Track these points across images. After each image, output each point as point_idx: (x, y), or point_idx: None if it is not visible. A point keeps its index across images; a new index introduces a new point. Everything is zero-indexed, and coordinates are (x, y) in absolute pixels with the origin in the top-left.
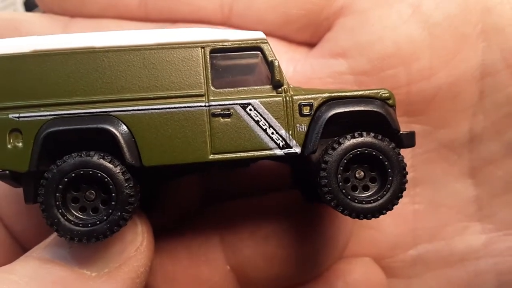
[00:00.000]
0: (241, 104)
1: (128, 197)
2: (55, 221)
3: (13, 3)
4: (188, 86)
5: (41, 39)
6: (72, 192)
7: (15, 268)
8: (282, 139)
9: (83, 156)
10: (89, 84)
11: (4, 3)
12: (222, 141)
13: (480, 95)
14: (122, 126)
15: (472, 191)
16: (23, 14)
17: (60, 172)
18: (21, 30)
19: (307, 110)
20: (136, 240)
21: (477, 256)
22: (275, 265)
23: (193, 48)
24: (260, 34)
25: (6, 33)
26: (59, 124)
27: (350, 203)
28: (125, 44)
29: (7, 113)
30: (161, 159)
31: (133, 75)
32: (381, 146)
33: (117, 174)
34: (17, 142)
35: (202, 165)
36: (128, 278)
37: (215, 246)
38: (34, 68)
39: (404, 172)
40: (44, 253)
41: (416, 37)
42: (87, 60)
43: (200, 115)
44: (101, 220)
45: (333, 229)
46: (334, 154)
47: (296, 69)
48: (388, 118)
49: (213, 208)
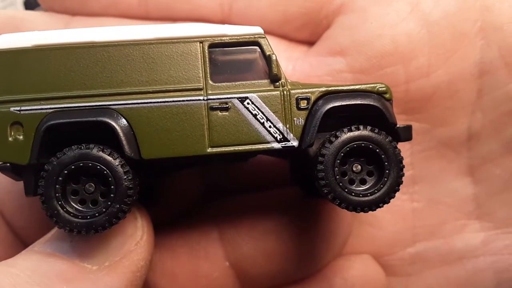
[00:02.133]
0: (239, 98)
1: (127, 189)
2: (55, 213)
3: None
4: (187, 80)
5: (42, 34)
6: (71, 185)
7: (17, 262)
8: (279, 132)
9: (82, 149)
10: (89, 78)
11: (4, 3)
12: (220, 135)
13: (479, 93)
14: (122, 119)
15: (471, 189)
16: (24, 12)
17: (60, 164)
18: (22, 29)
19: (304, 104)
20: (136, 234)
21: (476, 254)
22: (274, 261)
23: (192, 43)
24: (258, 29)
25: (7, 31)
26: (59, 117)
27: (347, 196)
28: (125, 39)
29: (8, 106)
30: (160, 152)
31: (132, 69)
32: (378, 139)
33: (116, 166)
34: (18, 135)
35: (201, 158)
36: (129, 272)
37: (214, 242)
38: (36, 62)
39: (401, 165)
40: (45, 247)
41: (415, 35)
42: (87, 55)
43: (198, 109)
44: (100, 212)
45: (332, 226)
46: (331, 147)
47: (295, 68)
48: (385, 111)
49: (212, 204)
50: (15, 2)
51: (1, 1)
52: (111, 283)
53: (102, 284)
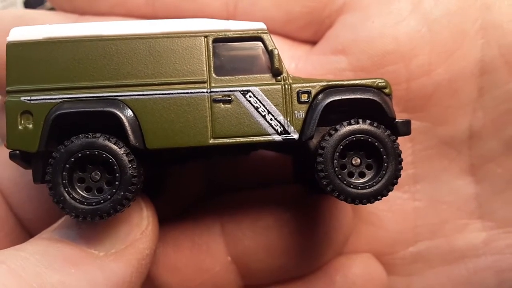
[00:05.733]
0: (241, 91)
1: (132, 177)
2: (61, 199)
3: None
4: (191, 73)
5: (53, 27)
6: (78, 173)
7: (26, 247)
8: (280, 125)
9: (89, 138)
10: (97, 70)
11: (4, 3)
12: (222, 126)
13: (479, 92)
14: (128, 110)
15: (472, 189)
16: (33, 11)
17: (68, 152)
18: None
19: (305, 98)
20: (142, 224)
21: (477, 254)
22: (275, 257)
23: (197, 37)
24: (261, 25)
25: None
26: (68, 107)
27: (346, 188)
28: (132, 33)
29: (19, 96)
30: (164, 142)
31: (139, 62)
32: (377, 133)
33: (121, 155)
34: (28, 123)
35: (203, 150)
36: (134, 259)
37: (216, 236)
38: (46, 54)
39: (399, 158)
40: (53, 234)
41: (416, 33)
42: (95, 48)
43: (201, 101)
44: (105, 199)
45: (334, 223)
46: (330, 140)
47: (298, 66)
48: (384, 106)
49: (215, 200)
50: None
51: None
52: (117, 269)
53: (108, 269)
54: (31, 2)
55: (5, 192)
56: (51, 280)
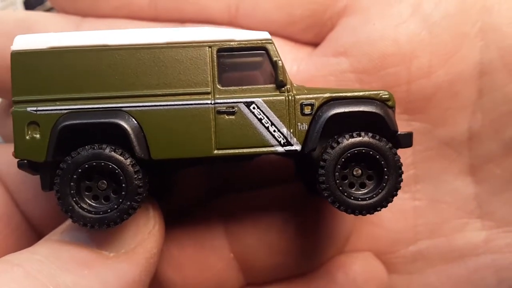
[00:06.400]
0: (245, 102)
1: (137, 188)
2: (70, 208)
3: (13, 3)
4: (196, 84)
5: (57, 36)
6: (85, 182)
7: (39, 250)
8: (283, 136)
9: (96, 149)
10: (102, 80)
11: (4, 3)
12: (226, 138)
13: (479, 94)
14: (133, 121)
15: (472, 189)
16: (36, 13)
17: (75, 163)
18: (33, 30)
19: (308, 110)
20: (149, 224)
21: (477, 253)
22: (277, 254)
23: (201, 48)
24: (266, 35)
25: (19, 33)
26: (74, 118)
27: (347, 200)
28: (137, 43)
29: (25, 106)
30: (168, 153)
31: (143, 72)
32: (378, 146)
33: (127, 166)
34: (35, 134)
35: (207, 159)
36: (143, 258)
37: (219, 234)
38: (50, 63)
39: (399, 171)
40: (63, 236)
41: (416, 36)
42: (100, 57)
43: (206, 112)
44: (112, 208)
45: (335, 222)
46: (332, 153)
47: (300, 68)
48: (387, 119)
49: (218, 200)
50: (15, 2)
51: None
52: (128, 269)
53: (119, 269)
54: (31, 1)
55: (11, 189)
56: (65, 281)
